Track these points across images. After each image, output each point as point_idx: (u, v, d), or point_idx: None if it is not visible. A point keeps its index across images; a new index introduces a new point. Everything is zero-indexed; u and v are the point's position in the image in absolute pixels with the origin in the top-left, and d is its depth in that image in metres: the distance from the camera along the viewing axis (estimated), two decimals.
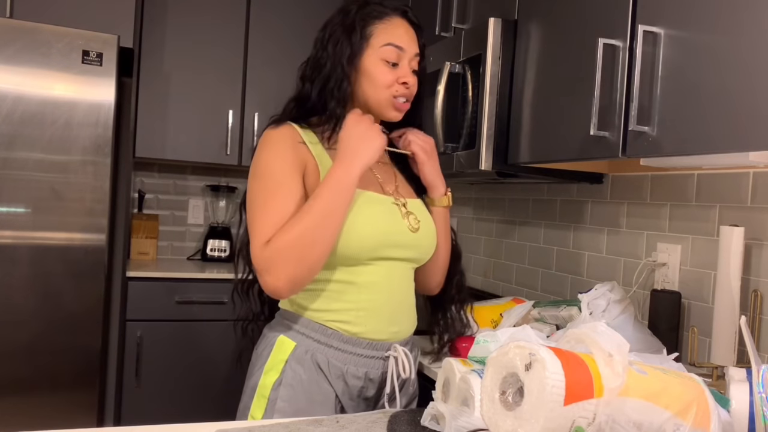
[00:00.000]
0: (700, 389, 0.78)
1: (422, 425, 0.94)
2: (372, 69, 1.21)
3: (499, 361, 0.75)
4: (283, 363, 1.18)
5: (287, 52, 3.07)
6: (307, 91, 1.24)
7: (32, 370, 2.29)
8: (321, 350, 1.18)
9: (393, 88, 1.22)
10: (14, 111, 2.24)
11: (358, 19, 1.21)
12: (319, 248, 1.09)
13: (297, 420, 1.00)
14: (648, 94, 1.25)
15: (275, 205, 1.12)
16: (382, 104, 1.23)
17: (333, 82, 1.21)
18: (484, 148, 1.70)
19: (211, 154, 2.98)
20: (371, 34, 1.21)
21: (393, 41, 1.21)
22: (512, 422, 0.71)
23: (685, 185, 1.61)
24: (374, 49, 1.21)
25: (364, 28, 1.21)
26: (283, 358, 1.19)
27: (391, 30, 1.22)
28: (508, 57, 1.72)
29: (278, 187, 1.14)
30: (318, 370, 1.18)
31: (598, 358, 0.72)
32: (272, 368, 1.19)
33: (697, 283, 1.56)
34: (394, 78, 1.21)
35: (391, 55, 1.21)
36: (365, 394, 1.22)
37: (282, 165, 1.16)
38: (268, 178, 1.16)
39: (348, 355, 1.19)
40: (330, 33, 1.23)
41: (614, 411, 0.71)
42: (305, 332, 1.20)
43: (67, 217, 2.32)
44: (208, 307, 2.74)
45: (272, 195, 1.14)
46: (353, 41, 1.20)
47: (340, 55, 1.20)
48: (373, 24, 1.22)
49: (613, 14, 1.36)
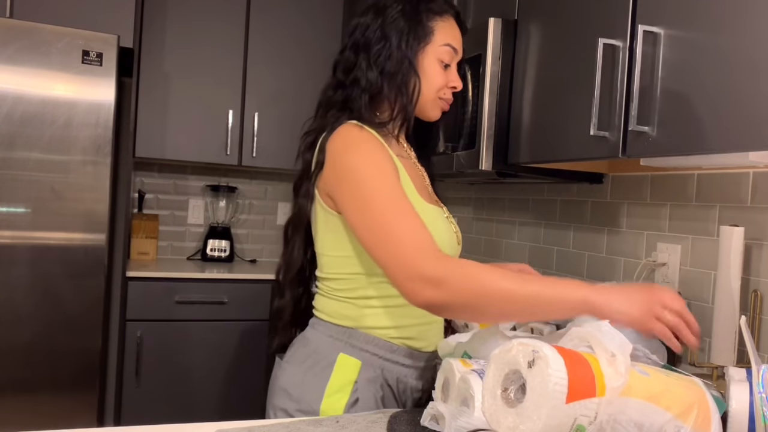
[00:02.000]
0: (701, 392, 0.78)
1: (422, 425, 0.94)
2: (429, 68, 1.15)
3: (501, 358, 0.75)
4: (351, 384, 1.10)
5: (287, 52, 3.07)
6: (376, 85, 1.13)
7: (32, 370, 2.29)
8: (389, 367, 1.13)
9: (442, 91, 1.17)
10: (14, 111, 2.24)
11: (423, 11, 1.14)
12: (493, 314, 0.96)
13: (297, 420, 1.00)
14: (648, 94, 1.25)
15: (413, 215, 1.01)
16: (428, 104, 1.17)
17: (401, 78, 1.13)
18: (484, 148, 1.70)
19: (211, 154, 2.98)
20: (433, 30, 1.15)
21: (451, 42, 1.16)
22: (513, 419, 0.71)
23: (685, 185, 1.61)
24: (434, 47, 1.15)
25: (428, 23, 1.15)
26: (351, 378, 1.10)
27: (449, 30, 1.17)
28: (508, 57, 1.71)
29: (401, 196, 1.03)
30: (387, 387, 1.13)
31: (601, 357, 0.72)
32: (339, 390, 1.10)
33: (697, 283, 1.56)
34: (446, 81, 1.17)
35: (447, 57, 1.16)
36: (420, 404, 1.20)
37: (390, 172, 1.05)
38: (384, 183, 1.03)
39: (412, 370, 1.15)
40: (391, 20, 1.13)
41: (616, 411, 0.71)
42: (370, 349, 1.12)
43: (67, 217, 2.32)
44: (208, 307, 2.74)
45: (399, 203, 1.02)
46: (419, 35, 1.14)
47: (407, 49, 1.12)
48: (435, 20, 1.15)
49: (613, 14, 1.36)
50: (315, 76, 3.12)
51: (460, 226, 2.67)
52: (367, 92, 1.14)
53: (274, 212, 3.42)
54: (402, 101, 1.13)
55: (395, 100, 1.14)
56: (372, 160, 1.05)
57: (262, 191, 3.39)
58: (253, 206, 3.38)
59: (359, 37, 1.16)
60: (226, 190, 3.21)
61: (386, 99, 1.14)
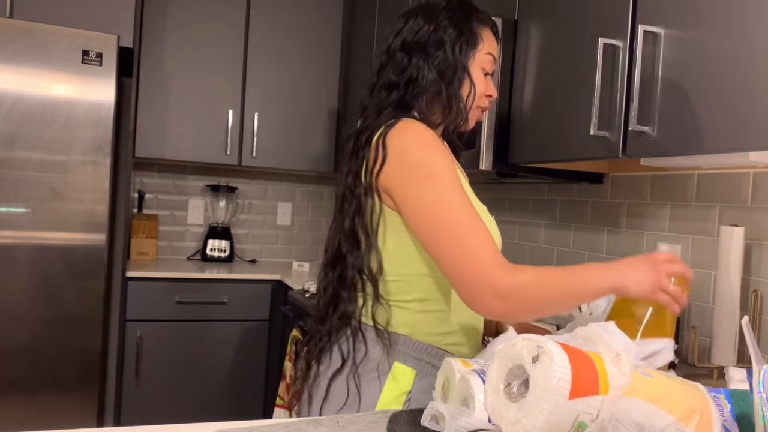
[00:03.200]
0: (705, 399, 0.78)
1: (422, 425, 0.94)
2: (475, 74, 1.16)
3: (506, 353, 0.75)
4: (405, 394, 1.07)
5: (287, 52, 3.07)
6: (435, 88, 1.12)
7: (32, 370, 2.29)
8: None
9: (481, 99, 1.17)
10: (14, 111, 2.24)
11: (474, 19, 1.16)
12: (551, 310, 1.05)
13: (297, 420, 1.00)
14: (648, 94, 1.25)
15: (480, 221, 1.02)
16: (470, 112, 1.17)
17: (458, 84, 1.13)
18: (484, 148, 1.70)
19: (211, 154, 2.98)
20: (480, 38, 1.16)
21: (492, 51, 1.17)
22: (516, 413, 0.71)
23: (685, 185, 1.61)
24: (480, 54, 1.16)
25: (477, 31, 1.16)
26: (405, 389, 1.07)
27: (490, 39, 1.18)
28: (508, 57, 1.71)
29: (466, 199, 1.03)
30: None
31: (606, 356, 0.72)
32: (393, 400, 1.07)
33: (697, 283, 1.56)
34: (485, 89, 1.17)
35: (489, 65, 1.17)
36: None
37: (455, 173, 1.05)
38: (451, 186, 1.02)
39: None
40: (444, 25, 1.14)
41: (618, 410, 0.71)
42: (422, 357, 1.09)
43: (67, 217, 2.32)
44: (208, 307, 2.74)
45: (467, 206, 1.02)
46: (471, 42, 1.15)
47: (461, 56, 1.13)
48: (482, 28, 1.17)
49: (613, 14, 1.36)
50: (315, 76, 3.12)
51: None
52: (427, 92, 1.13)
53: (274, 212, 3.42)
54: (458, 105, 1.13)
55: (450, 105, 1.13)
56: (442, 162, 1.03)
57: (262, 191, 3.39)
58: (253, 206, 3.38)
59: (410, 39, 1.14)
60: (226, 190, 3.21)
61: (440, 102, 1.14)
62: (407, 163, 1.04)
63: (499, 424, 0.73)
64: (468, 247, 0.99)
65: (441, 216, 1.01)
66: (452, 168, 1.04)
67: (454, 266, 1.00)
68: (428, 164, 1.03)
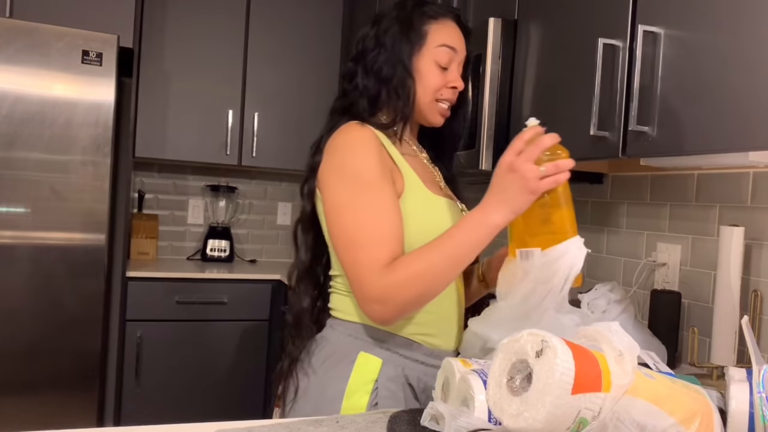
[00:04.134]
0: (706, 402, 0.78)
1: (422, 425, 0.94)
2: (426, 71, 1.16)
3: (509, 347, 0.75)
4: (372, 383, 1.09)
5: (287, 52, 3.07)
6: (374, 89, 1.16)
7: (32, 370, 2.29)
8: (409, 365, 1.12)
9: (440, 92, 1.18)
10: (14, 111, 2.24)
11: (416, 16, 1.17)
12: (439, 288, 1.04)
13: (297, 420, 1.00)
14: (648, 94, 1.25)
15: (382, 223, 1.04)
16: (428, 108, 1.18)
17: (396, 81, 1.15)
18: (484, 148, 1.70)
19: (210, 154, 2.98)
20: (427, 33, 1.17)
21: (447, 42, 1.17)
22: (518, 407, 0.71)
23: (685, 185, 1.61)
24: (429, 49, 1.16)
25: (421, 27, 1.16)
26: (371, 377, 1.10)
27: (445, 31, 1.18)
28: (508, 57, 1.71)
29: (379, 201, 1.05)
30: (408, 386, 1.12)
31: (609, 355, 0.73)
32: (359, 389, 1.09)
33: (697, 283, 1.56)
34: (444, 82, 1.17)
35: (444, 58, 1.17)
36: None
37: (378, 173, 1.07)
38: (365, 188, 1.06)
39: (430, 368, 1.14)
40: (386, 28, 1.17)
41: (620, 409, 0.71)
42: (390, 347, 1.12)
43: (67, 217, 2.32)
44: (208, 307, 2.74)
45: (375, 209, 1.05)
46: (411, 39, 1.15)
47: (400, 53, 1.15)
48: (429, 23, 1.17)
49: (613, 14, 1.36)
50: (315, 76, 3.12)
51: None
52: (365, 96, 1.17)
53: (274, 212, 3.42)
54: (399, 104, 1.15)
55: (393, 103, 1.16)
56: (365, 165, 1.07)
57: (262, 191, 3.39)
58: (253, 206, 3.38)
59: (359, 47, 1.20)
60: (225, 190, 3.21)
61: (385, 103, 1.16)
62: (331, 165, 1.10)
63: (500, 418, 0.73)
64: (357, 255, 1.04)
65: (345, 221, 1.06)
66: (376, 172, 1.07)
67: (347, 272, 1.06)
68: (348, 167, 1.08)
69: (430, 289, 1.03)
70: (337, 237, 1.07)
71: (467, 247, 1.01)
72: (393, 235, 1.04)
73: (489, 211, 0.99)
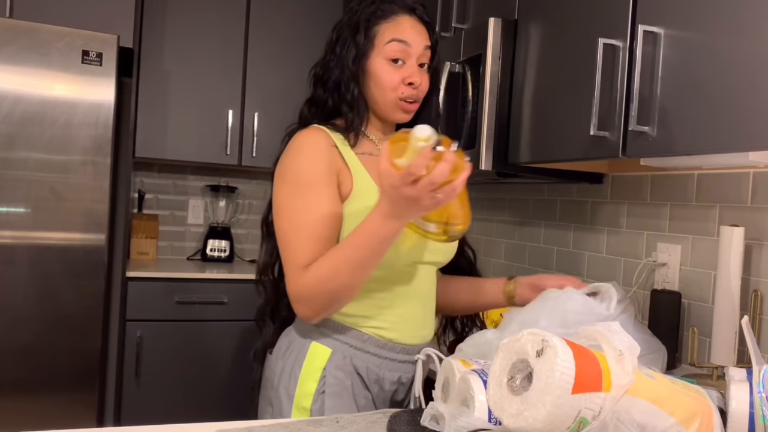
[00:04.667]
0: (707, 403, 0.78)
1: (422, 425, 0.94)
2: (377, 70, 1.17)
3: (510, 347, 0.75)
4: (320, 371, 1.14)
5: (287, 52, 3.07)
6: (321, 96, 1.21)
7: (32, 370, 2.28)
8: (358, 355, 1.16)
9: (399, 90, 1.17)
10: (14, 111, 2.24)
11: (363, 20, 1.17)
12: (349, 292, 1.08)
13: (296, 420, 1.00)
14: (648, 94, 1.25)
15: (311, 225, 1.09)
16: (389, 107, 1.19)
17: (343, 87, 1.18)
18: (484, 148, 1.70)
19: (210, 154, 2.98)
20: (376, 34, 1.17)
21: (397, 36, 1.16)
22: (518, 406, 0.71)
23: (685, 185, 1.61)
24: (379, 48, 1.17)
25: (369, 29, 1.17)
26: (320, 365, 1.15)
27: (395, 27, 1.17)
28: (508, 57, 1.71)
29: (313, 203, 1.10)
30: (357, 375, 1.16)
31: (609, 354, 0.73)
32: (309, 377, 1.15)
33: (697, 283, 1.56)
34: (400, 79, 1.17)
35: (396, 52, 1.16)
36: (396, 397, 1.21)
37: (317, 176, 1.11)
38: (302, 191, 1.11)
39: (384, 360, 1.17)
40: (338, 35, 1.20)
41: (620, 409, 0.71)
42: (340, 338, 1.16)
43: (67, 217, 2.32)
44: (208, 307, 2.74)
45: (307, 211, 1.10)
46: (358, 42, 1.17)
47: (345, 57, 1.17)
48: (378, 24, 1.17)
49: (613, 14, 1.36)
50: None
51: None
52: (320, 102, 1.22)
53: None
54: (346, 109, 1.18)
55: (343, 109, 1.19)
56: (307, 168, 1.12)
57: (261, 191, 3.39)
58: (252, 206, 3.38)
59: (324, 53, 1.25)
60: (225, 190, 3.21)
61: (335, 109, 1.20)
62: (278, 169, 1.17)
63: (501, 417, 0.73)
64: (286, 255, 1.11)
65: (281, 222, 1.12)
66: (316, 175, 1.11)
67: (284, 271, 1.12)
68: (289, 170, 1.14)
69: (340, 290, 1.07)
70: (277, 237, 1.14)
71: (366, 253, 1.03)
72: (318, 238, 1.09)
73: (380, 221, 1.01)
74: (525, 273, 2.24)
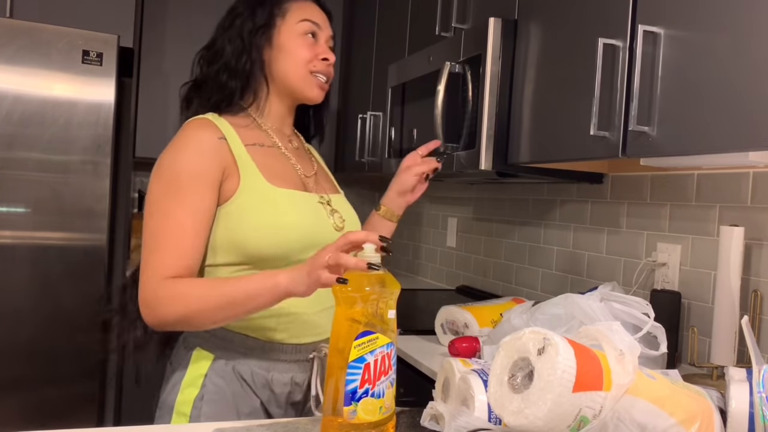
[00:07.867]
0: (707, 404, 0.78)
1: (422, 425, 0.94)
2: (289, 43, 1.17)
3: (511, 345, 0.75)
4: (202, 377, 1.11)
5: None
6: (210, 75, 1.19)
7: (32, 370, 2.28)
8: (242, 361, 1.12)
9: (312, 64, 1.18)
10: (14, 111, 2.24)
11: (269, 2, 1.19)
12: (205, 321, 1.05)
13: (296, 420, 1.00)
14: (648, 94, 1.25)
15: (181, 232, 1.05)
16: (303, 81, 1.18)
17: (228, 56, 1.16)
18: (484, 148, 1.70)
19: None
20: (287, 11, 1.19)
21: (310, 17, 1.19)
22: (519, 404, 0.71)
23: (685, 185, 1.61)
24: (290, 25, 1.18)
25: (278, 5, 1.19)
26: (201, 372, 1.12)
27: (306, 8, 1.21)
28: (508, 57, 1.71)
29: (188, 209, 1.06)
30: (241, 381, 1.12)
31: (610, 354, 0.73)
32: (191, 383, 1.12)
33: (697, 283, 1.56)
34: (314, 53, 1.18)
35: (308, 29, 1.19)
36: (292, 398, 1.17)
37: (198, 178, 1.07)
38: (179, 193, 1.06)
39: (272, 363, 1.13)
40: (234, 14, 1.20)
41: (621, 409, 0.71)
42: (223, 344, 1.12)
43: (67, 217, 2.32)
44: None
45: (180, 217, 1.05)
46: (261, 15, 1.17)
47: (239, 30, 1.17)
48: (288, 2, 1.20)
49: (613, 14, 1.36)
50: None
51: (460, 226, 2.67)
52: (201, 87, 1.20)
53: None
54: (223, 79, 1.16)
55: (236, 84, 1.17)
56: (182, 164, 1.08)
57: None
58: None
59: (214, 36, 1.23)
60: None
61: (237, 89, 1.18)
62: (158, 162, 1.11)
63: (501, 415, 0.73)
64: (147, 256, 1.06)
65: (149, 221, 1.08)
66: (194, 175, 1.07)
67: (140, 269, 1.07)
68: (170, 167, 1.09)
69: (194, 317, 1.03)
70: (143, 234, 1.09)
71: (247, 298, 1.01)
72: (185, 246, 1.05)
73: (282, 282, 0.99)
74: (525, 273, 2.24)
